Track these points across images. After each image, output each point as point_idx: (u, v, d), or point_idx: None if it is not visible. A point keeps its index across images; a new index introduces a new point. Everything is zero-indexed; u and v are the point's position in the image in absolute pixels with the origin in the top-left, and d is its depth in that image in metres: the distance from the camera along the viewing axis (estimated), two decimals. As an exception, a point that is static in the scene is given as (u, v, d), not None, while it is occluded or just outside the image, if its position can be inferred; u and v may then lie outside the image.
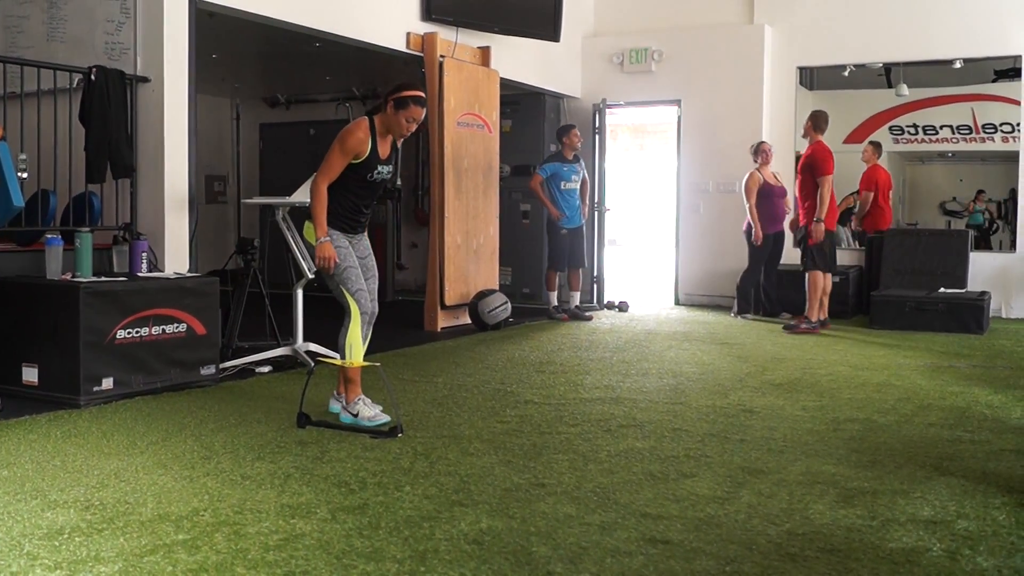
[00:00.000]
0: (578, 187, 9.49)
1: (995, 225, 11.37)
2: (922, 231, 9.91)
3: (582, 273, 9.87)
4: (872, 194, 10.08)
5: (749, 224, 9.60)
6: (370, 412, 4.75)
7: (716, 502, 3.53)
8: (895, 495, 3.63)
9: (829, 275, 8.81)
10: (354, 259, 4.85)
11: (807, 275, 8.73)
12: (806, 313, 8.69)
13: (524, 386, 5.90)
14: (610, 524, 3.26)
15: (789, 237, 10.07)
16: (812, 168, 8.61)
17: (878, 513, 3.40)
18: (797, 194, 8.97)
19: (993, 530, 3.23)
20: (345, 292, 4.80)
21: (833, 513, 3.40)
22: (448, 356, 7.17)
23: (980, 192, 11.37)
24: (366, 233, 5.07)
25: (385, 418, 4.74)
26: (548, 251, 9.83)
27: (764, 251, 9.66)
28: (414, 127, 4.81)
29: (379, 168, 4.84)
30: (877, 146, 10.32)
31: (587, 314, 9.66)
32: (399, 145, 4.98)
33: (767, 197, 9.63)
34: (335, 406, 4.94)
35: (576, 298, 9.74)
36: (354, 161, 4.75)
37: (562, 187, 9.36)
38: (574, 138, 9.46)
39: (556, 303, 9.62)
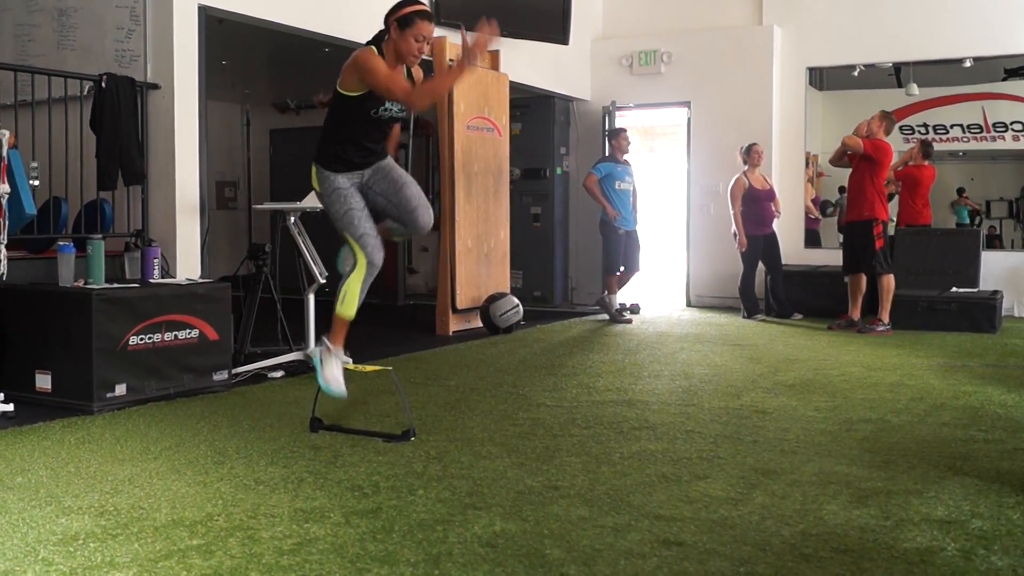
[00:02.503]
0: (630, 188, 9.56)
1: (978, 219, 11.35)
2: (934, 231, 9.88)
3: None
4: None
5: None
6: (330, 372, 4.49)
7: (729, 503, 3.52)
8: (909, 495, 3.61)
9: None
10: (357, 200, 4.48)
11: (879, 278, 8.59)
12: (879, 315, 8.62)
13: (536, 389, 5.90)
14: (623, 526, 3.26)
15: (790, 237, 10.08)
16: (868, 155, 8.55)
17: (892, 513, 3.39)
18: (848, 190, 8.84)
19: (1007, 529, 3.22)
20: (349, 238, 4.48)
21: (847, 513, 3.39)
22: (460, 359, 7.17)
23: (962, 191, 11.35)
24: (381, 161, 4.64)
25: (340, 391, 4.48)
26: (604, 253, 9.83)
27: (753, 253, 9.68)
28: (425, 48, 4.39)
29: (387, 104, 4.42)
30: (925, 145, 10.14)
31: (633, 313, 9.84)
32: (414, 74, 4.57)
33: (754, 201, 9.65)
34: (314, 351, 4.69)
35: (617, 299, 9.82)
36: (356, 93, 4.36)
37: (616, 187, 9.44)
38: (623, 141, 9.58)
39: (618, 306, 9.65)
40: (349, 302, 4.49)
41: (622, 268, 9.66)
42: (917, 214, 9.84)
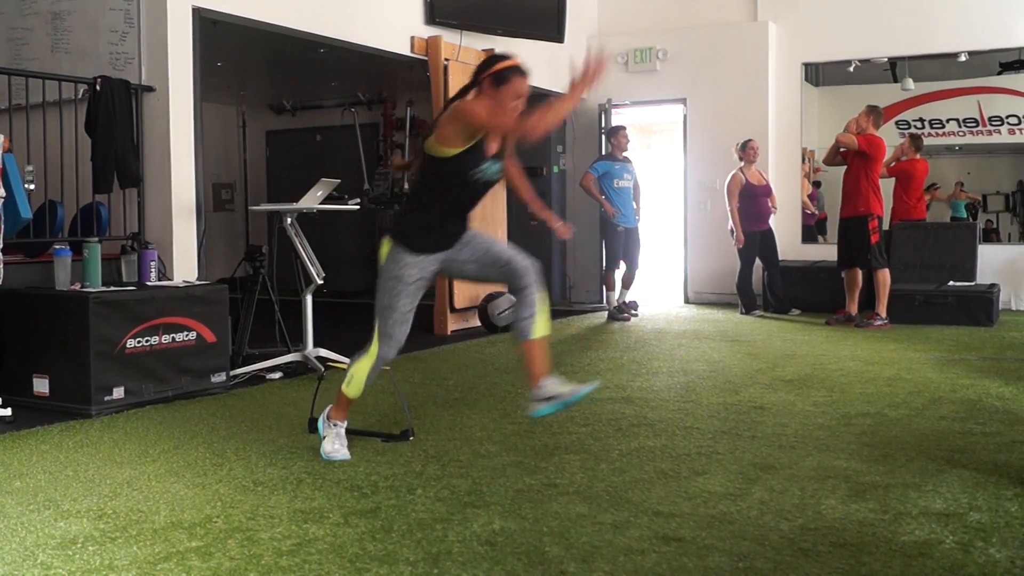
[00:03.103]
0: (630, 186, 9.58)
1: (975, 210, 11.35)
2: (930, 225, 9.89)
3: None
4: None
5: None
6: (331, 446, 4.17)
7: (728, 499, 3.53)
8: (907, 488, 3.62)
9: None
10: (408, 303, 4.12)
11: (875, 272, 8.60)
12: (876, 309, 8.63)
13: (534, 387, 5.90)
14: (622, 523, 3.26)
15: (787, 233, 10.08)
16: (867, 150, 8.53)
17: (890, 507, 3.40)
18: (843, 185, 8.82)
19: (1006, 521, 3.23)
20: (376, 324, 4.17)
21: (845, 507, 3.40)
22: (458, 359, 7.17)
23: (959, 184, 11.35)
24: (466, 231, 4.18)
25: (342, 458, 4.12)
26: (605, 251, 9.92)
27: (751, 249, 9.70)
28: (521, 107, 3.96)
29: (485, 165, 3.98)
30: (914, 139, 10.15)
31: (634, 313, 9.76)
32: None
33: (751, 197, 9.66)
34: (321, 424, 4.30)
35: (626, 295, 9.80)
36: (455, 150, 3.90)
37: (615, 185, 9.47)
38: (622, 139, 9.62)
39: (616, 304, 9.66)
40: (355, 385, 4.17)
41: (624, 266, 9.70)
42: (911, 209, 9.84)
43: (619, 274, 9.78)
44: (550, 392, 4.00)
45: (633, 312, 9.92)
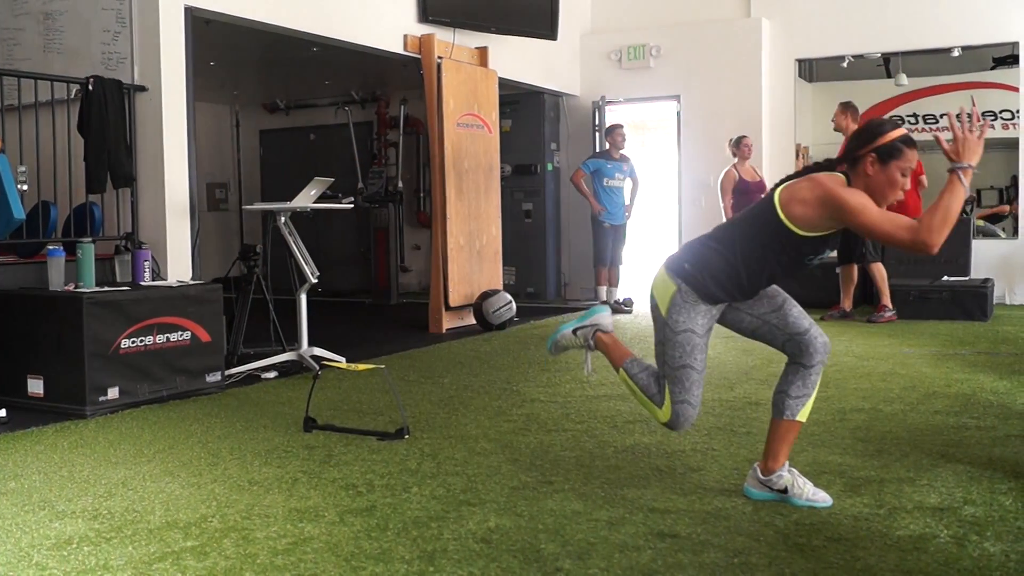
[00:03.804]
0: (622, 185, 9.71)
1: (970, 207, 11.34)
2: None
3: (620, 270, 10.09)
4: None
5: None
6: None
7: (723, 495, 3.53)
8: (901, 483, 3.62)
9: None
10: (702, 358, 3.43)
11: (871, 267, 8.62)
12: (882, 302, 8.64)
13: (530, 385, 5.91)
14: (618, 519, 3.26)
15: None
16: None
17: (885, 501, 3.40)
18: None
19: (1000, 515, 3.23)
20: (667, 393, 3.46)
21: (840, 502, 3.40)
22: (453, 357, 7.17)
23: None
24: None
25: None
26: (593, 247, 10.03)
27: None
28: (908, 185, 3.33)
29: (825, 253, 3.42)
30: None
31: (626, 308, 9.88)
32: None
33: (744, 193, 9.66)
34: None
35: (615, 293, 9.98)
36: (811, 233, 3.28)
37: (604, 184, 9.57)
38: (617, 137, 9.72)
39: (605, 298, 9.76)
40: (625, 379, 3.64)
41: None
42: (904, 206, 9.83)
43: (613, 271, 9.88)
44: (784, 486, 3.43)
45: (626, 308, 9.94)
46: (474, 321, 8.82)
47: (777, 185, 3.44)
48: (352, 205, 7.35)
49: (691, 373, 3.40)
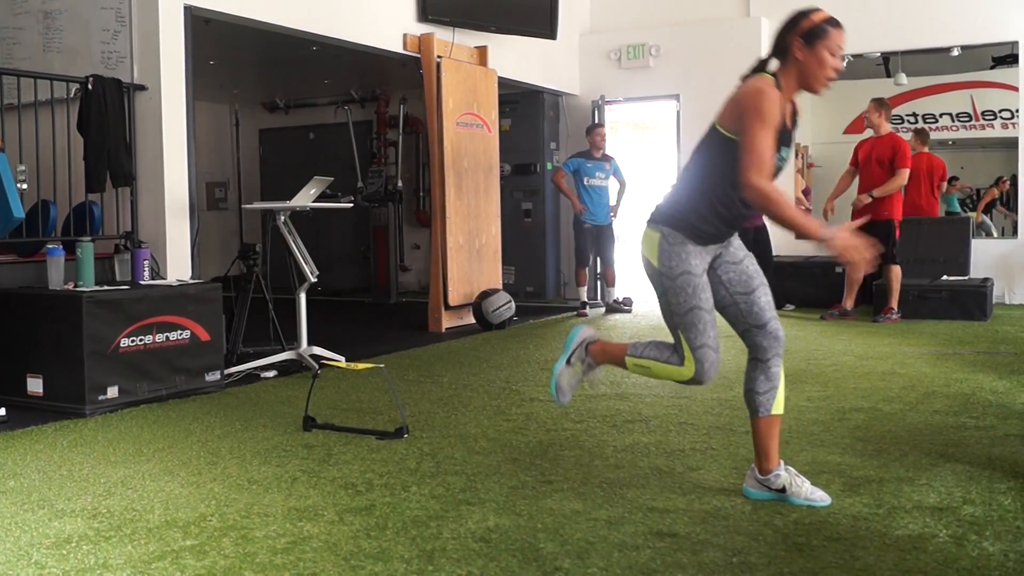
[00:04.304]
0: (605, 185, 9.68)
1: (973, 203, 11.38)
2: (924, 219, 9.91)
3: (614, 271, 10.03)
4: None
5: None
6: (564, 381, 3.68)
7: (723, 494, 3.53)
8: (901, 483, 3.63)
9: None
10: (708, 296, 3.35)
11: (890, 268, 8.60)
12: (890, 304, 8.63)
13: (529, 384, 5.91)
14: (617, 519, 3.26)
15: (779, 230, 10.06)
16: (894, 160, 8.48)
17: (884, 501, 3.40)
18: (861, 185, 8.68)
19: (999, 515, 3.23)
20: (683, 341, 3.35)
21: (839, 502, 3.40)
22: (453, 356, 7.17)
23: (955, 179, 11.38)
24: (735, 234, 3.56)
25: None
26: (574, 247, 10.05)
27: (745, 245, 9.70)
28: (840, 64, 3.41)
29: (781, 151, 3.35)
30: (919, 133, 10.19)
31: (626, 307, 9.84)
32: (798, 110, 3.55)
33: None
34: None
35: (613, 293, 9.95)
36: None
37: (586, 183, 9.57)
38: (596, 137, 9.69)
39: (584, 299, 9.76)
40: (640, 366, 3.50)
41: (599, 263, 9.80)
42: (918, 205, 9.85)
43: (606, 271, 9.89)
44: (782, 485, 3.42)
45: (626, 307, 9.94)
46: (473, 320, 8.82)
47: None
48: (351, 204, 7.35)
49: (701, 314, 3.31)
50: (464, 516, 3.32)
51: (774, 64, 3.43)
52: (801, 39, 3.35)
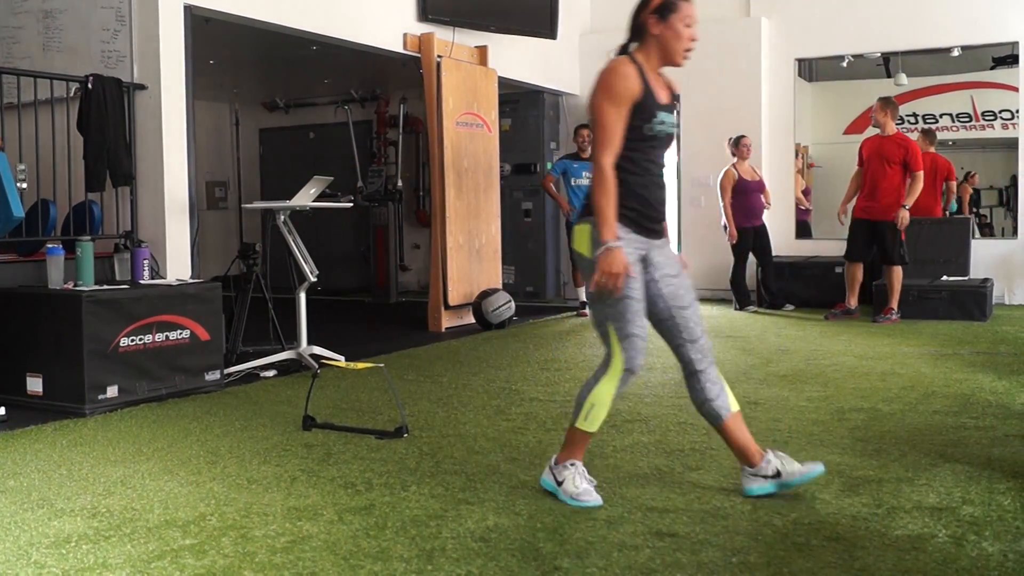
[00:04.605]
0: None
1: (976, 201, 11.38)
2: (924, 220, 9.90)
3: None
4: None
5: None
6: (575, 487, 3.45)
7: (722, 494, 3.53)
8: (900, 483, 3.63)
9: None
10: (638, 286, 3.39)
11: (892, 268, 8.58)
12: (891, 304, 8.63)
13: (529, 384, 5.91)
14: (616, 518, 3.26)
15: (781, 228, 10.09)
16: (909, 163, 8.45)
17: (883, 501, 3.40)
18: (866, 183, 8.63)
19: (998, 515, 3.23)
20: (612, 332, 3.40)
21: (839, 502, 3.40)
22: (452, 356, 7.17)
23: (969, 175, 11.39)
24: (667, 240, 3.58)
25: (594, 500, 3.42)
26: (569, 249, 9.95)
27: (744, 245, 9.72)
28: (696, 35, 3.53)
29: (660, 115, 3.43)
30: (927, 133, 10.19)
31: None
32: (674, 86, 3.65)
33: (744, 193, 9.67)
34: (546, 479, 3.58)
35: None
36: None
37: (572, 183, 9.48)
38: (579, 138, 9.53)
39: (583, 299, 9.70)
40: (595, 417, 3.46)
41: None
42: (922, 205, 9.86)
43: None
44: (776, 469, 3.46)
45: None
46: (473, 320, 8.82)
47: None
48: (351, 204, 7.35)
49: (631, 303, 3.36)
50: (463, 516, 3.32)
51: (635, 47, 3.52)
52: (655, 15, 3.45)
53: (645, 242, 3.44)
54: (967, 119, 10.74)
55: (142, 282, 5.81)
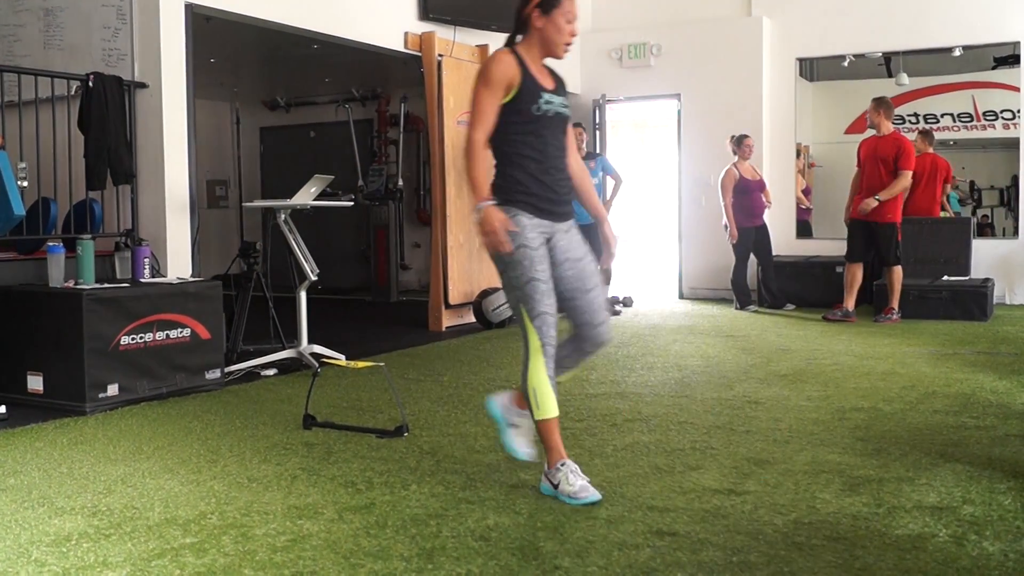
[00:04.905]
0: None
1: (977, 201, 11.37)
2: (924, 220, 9.90)
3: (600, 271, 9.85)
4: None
5: None
6: (571, 487, 3.47)
7: (722, 493, 3.53)
8: (901, 482, 3.62)
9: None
10: (544, 268, 3.51)
11: (892, 269, 8.57)
12: (891, 304, 8.62)
13: (529, 383, 5.89)
14: (617, 518, 3.26)
15: (781, 228, 10.08)
16: (898, 160, 8.42)
17: (884, 500, 3.40)
18: (863, 184, 8.62)
19: (999, 515, 3.23)
20: (524, 314, 3.53)
21: (839, 501, 3.40)
22: (453, 355, 7.17)
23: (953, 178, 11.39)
24: (574, 221, 3.71)
25: (592, 496, 3.45)
26: None
27: (745, 244, 9.71)
28: (576, 30, 3.69)
29: (545, 96, 3.60)
30: (925, 134, 10.20)
31: (615, 309, 9.63)
32: (559, 76, 3.81)
33: (745, 192, 9.66)
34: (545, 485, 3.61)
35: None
36: (507, 98, 3.54)
37: None
38: (575, 137, 9.43)
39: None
40: (543, 401, 3.56)
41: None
42: (917, 206, 9.86)
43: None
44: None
45: (625, 305, 9.92)
46: (474, 319, 8.82)
47: None
48: (352, 203, 7.35)
49: (538, 285, 3.49)
50: (464, 514, 3.32)
51: (520, 39, 3.71)
52: (538, 9, 3.63)
53: (549, 225, 3.57)
54: (968, 119, 10.73)
55: (143, 280, 5.81)
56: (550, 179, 3.58)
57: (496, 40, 9.32)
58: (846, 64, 10.65)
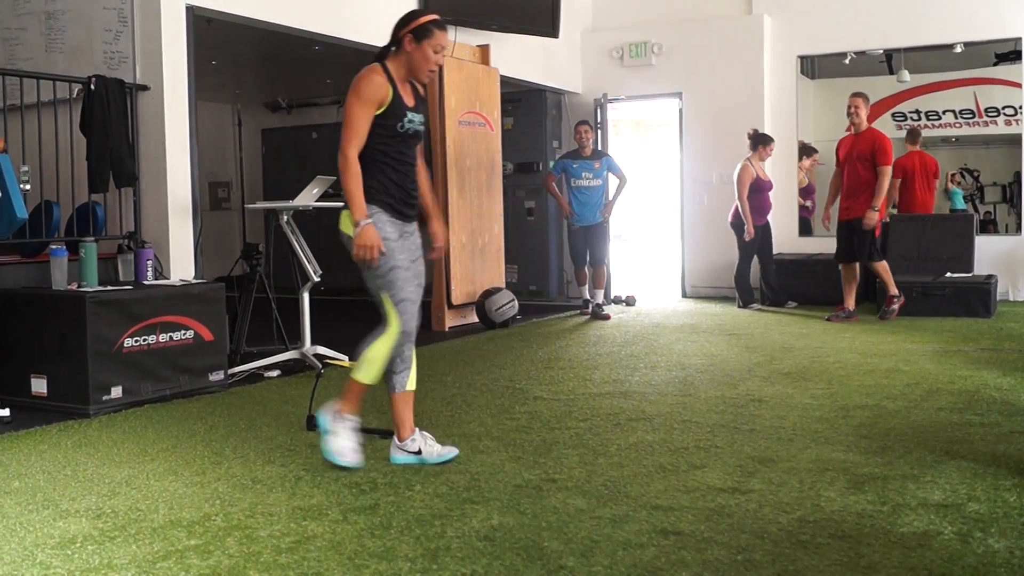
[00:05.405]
0: (594, 185, 9.29)
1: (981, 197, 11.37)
2: (927, 216, 9.89)
3: (603, 271, 9.62)
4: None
5: (737, 215, 9.64)
6: (339, 444, 3.95)
7: (727, 492, 3.53)
8: (905, 480, 3.62)
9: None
10: (403, 256, 3.94)
11: (874, 265, 8.54)
12: (890, 294, 8.59)
13: (533, 383, 5.90)
14: (621, 517, 3.26)
15: (783, 226, 10.08)
16: (875, 156, 8.39)
17: (889, 498, 3.40)
18: (845, 183, 8.60)
19: (1004, 512, 3.23)
20: (386, 299, 3.98)
21: (844, 500, 3.40)
22: (456, 355, 7.17)
23: (955, 174, 11.37)
24: (416, 225, 4.10)
25: (354, 462, 3.91)
26: (569, 250, 9.85)
27: (754, 243, 9.69)
28: (441, 60, 3.98)
29: (409, 115, 3.94)
30: (911, 133, 10.22)
31: (604, 313, 9.37)
32: (422, 92, 4.12)
33: (758, 191, 9.65)
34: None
35: (599, 296, 9.52)
36: (377, 112, 3.87)
37: (572, 184, 9.30)
38: (579, 135, 9.34)
39: (586, 297, 9.55)
40: (369, 369, 3.99)
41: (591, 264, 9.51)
42: (908, 203, 9.85)
43: (594, 271, 9.61)
44: (417, 448, 4.05)
45: (628, 304, 9.89)
46: (476, 319, 8.82)
47: None
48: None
49: (399, 272, 3.93)
50: (468, 515, 3.32)
51: (391, 54, 4.01)
52: (411, 35, 3.92)
53: (401, 225, 3.97)
54: (970, 115, 10.72)
55: (146, 283, 5.82)
56: (405, 184, 3.98)
57: (496, 40, 9.35)
58: (847, 61, 10.64)
